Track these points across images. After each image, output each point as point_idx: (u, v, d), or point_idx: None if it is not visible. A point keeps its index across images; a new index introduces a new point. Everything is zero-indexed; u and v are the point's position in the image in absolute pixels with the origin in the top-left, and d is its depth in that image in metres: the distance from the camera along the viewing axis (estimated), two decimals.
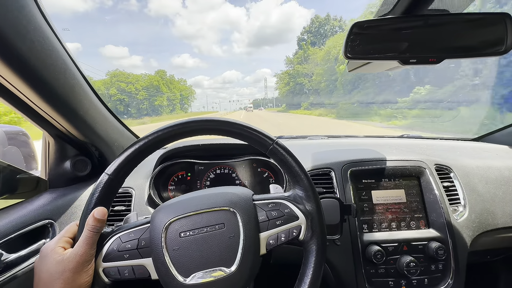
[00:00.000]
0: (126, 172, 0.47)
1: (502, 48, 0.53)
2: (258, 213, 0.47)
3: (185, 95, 71.13)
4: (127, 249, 0.44)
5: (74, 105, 0.65)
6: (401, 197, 0.79)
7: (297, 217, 0.47)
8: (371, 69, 0.72)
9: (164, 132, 0.47)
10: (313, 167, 0.81)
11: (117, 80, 54.21)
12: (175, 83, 68.19)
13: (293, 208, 0.48)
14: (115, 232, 0.46)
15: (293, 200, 0.49)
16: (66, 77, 0.60)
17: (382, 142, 1.13)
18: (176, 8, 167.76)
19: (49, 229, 0.66)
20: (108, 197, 0.46)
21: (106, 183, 0.45)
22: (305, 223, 0.47)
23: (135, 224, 0.48)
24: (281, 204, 0.48)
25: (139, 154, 0.46)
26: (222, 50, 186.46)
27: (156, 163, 0.85)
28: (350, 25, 0.57)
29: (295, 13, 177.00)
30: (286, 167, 0.49)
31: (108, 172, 0.45)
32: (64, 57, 0.58)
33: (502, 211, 0.82)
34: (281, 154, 0.48)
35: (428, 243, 0.72)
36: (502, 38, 0.52)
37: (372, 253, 0.70)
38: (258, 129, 0.49)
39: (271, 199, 0.49)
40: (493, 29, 0.54)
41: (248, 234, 0.44)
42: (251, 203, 0.48)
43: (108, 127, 0.81)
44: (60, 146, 0.76)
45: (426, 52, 0.56)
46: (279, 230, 0.46)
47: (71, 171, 0.78)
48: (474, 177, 0.85)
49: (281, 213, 0.47)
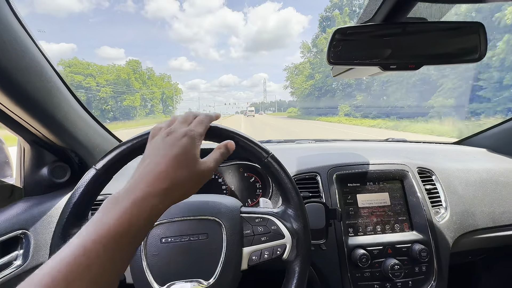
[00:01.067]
0: (115, 169, 0.45)
1: (477, 55, 0.55)
2: (244, 227, 0.46)
3: (169, 94, 54.97)
4: None
5: (51, 110, 0.63)
6: (385, 200, 0.80)
7: (283, 235, 0.46)
8: (355, 75, 0.74)
9: None
10: (299, 171, 0.81)
11: (72, 71, 37.11)
12: (155, 79, 51.69)
13: (280, 225, 0.47)
14: None
15: (281, 217, 0.48)
16: (42, 80, 0.57)
17: (368, 145, 1.16)
18: (173, 11, 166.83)
19: (22, 239, 0.62)
20: (93, 193, 0.44)
21: (94, 178, 0.43)
22: (290, 242, 0.46)
23: None
24: (268, 220, 0.47)
25: (131, 152, 0.45)
26: (219, 54, 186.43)
27: None
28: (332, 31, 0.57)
29: (292, 19, 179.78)
30: (278, 182, 0.48)
31: (97, 167, 0.44)
32: (39, 60, 0.56)
33: (481, 212, 0.84)
34: (275, 168, 0.48)
35: (411, 245, 0.74)
36: (476, 46, 0.55)
37: (358, 257, 0.70)
38: (254, 140, 0.48)
39: (259, 214, 0.48)
40: (468, 38, 0.56)
41: (230, 247, 0.43)
42: (238, 215, 0.47)
43: (89, 132, 0.79)
44: (36, 152, 0.72)
45: (406, 58, 0.57)
46: (263, 246, 0.45)
47: (48, 178, 0.75)
48: (454, 179, 0.87)
49: (267, 229, 0.46)
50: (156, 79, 52.36)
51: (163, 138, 0.36)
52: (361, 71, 0.70)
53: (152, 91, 50.57)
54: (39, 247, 0.64)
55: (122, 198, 0.30)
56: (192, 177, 0.35)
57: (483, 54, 0.55)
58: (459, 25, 0.57)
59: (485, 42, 0.54)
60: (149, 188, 0.31)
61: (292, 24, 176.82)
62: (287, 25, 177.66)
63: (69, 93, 0.69)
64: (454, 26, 0.58)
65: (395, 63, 0.57)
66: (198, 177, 0.35)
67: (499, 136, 1.11)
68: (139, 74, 47.01)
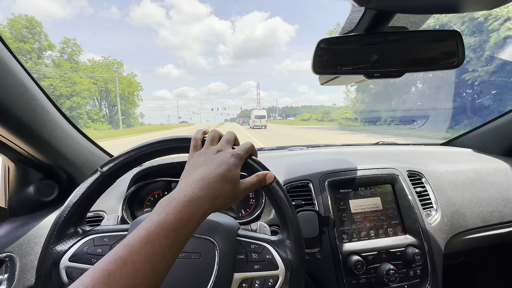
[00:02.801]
0: (120, 173, 0.46)
1: (456, 62, 0.57)
2: (239, 251, 0.45)
3: (130, 91, 35.16)
4: (97, 254, 0.42)
5: (36, 128, 0.62)
6: (377, 204, 0.81)
7: (277, 266, 0.44)
8: (341, 82, 0.75)
9: (166, 144, 0.47)
10: (291, 179, 0.82)
11: None
12: (98, 68, 31.44)
13: (275, 255, 0.45)
14: (89, 232, 0.45)
15: (278, 246, 0.46)
16: (26, 98, 0.57)
17: (359, 150, 1.17)
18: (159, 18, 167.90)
19: (7, 263, 0.60)
20: (95, 195, 0.45)
21: (98, 179, 0.45)
22: (283, 275, 0.44)
23: (112, 229, 0.46)
24: (264, 248, 0.45)
25: (138, 159, 0.46)
26: (207, 61, 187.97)
27: (130, 183, 0.81)
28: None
29: (279, 28, 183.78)
30: (279, 209, 0.47)
31: (103, 169, 0.45)
32: (22, 78, 0.55)
33: (471, 212, 0.86)
34: (277, 195, 0.46)
35: (405, 249, 0.74)
36: (454, 53, 0.57)
37: (353, 263, 0.70)
38: (260, 162, 0.47)
39: (255, 240, 0.47)
40: (447, 45, 0.58)
41: (221, 272, 0.42)
42: (234, 237, 0.46)
43: (76, 148, 0.77)
44: (22, 171, 0.70)
45: (389, 66, 0.59)
46: (255, 275, 0.44)
47: (35, 197, 0.72)
48: (443, 181, 0.89)
49: (261, 257, 0.45)
50: (99, 67, 28.78)
51: (213, 154, 0.42)
52: (347, 79, 0.72)
53: (82, 84, 27.86)
54: (25, 270, 0.61)
55: (178, 197, 0.34)
56: (232, 192, 0.39)
57: (462, 60, 0.57)
58: (438, 33, 0.60)
59: (463, 49, 0.56)
60: (202, 192, 0.36)
61: (279, 33, 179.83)
62: (274, 34, 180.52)
63: (55, 110, 0.68)
64: (433, 34, 0.60)
65: (378, 71, 0.59)
66: (235, 194, 0.40)
67: (484, 136, 1.15)
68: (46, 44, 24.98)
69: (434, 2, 0.50)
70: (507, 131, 1.06)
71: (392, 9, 0.51)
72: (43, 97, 0.63)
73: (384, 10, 0.52)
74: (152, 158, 0.48)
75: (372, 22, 0.57)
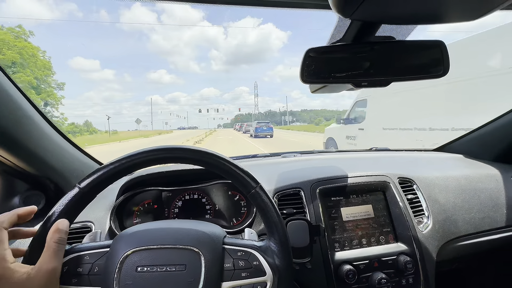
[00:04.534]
0: (99, 188, 0.45)
1: (441, 71, 0.58)
2: (225, 259, 0.44)
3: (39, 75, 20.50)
4: (77, 273, 0.41)
5: (21, 139, 0.61)
6: (369, 212, 0.81)
7: (264, 272, 0.44)
8: (330, 90, 0.76)
9: (149, 155, 0.46)
10: (282, 187, 0.81)
11: None
12: None
13: (262, 261, 0.45)
14: (69, 250, 0.43)
15: (264, 252, 0.46)
16: (10, 109, 0.56)
17: (352, 156, 1.17)
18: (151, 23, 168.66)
19: None
20: (74, 212, 0.44)
21: (76, 196, 0.43)
22: (271, 280, 0.44)
23: (93, 246, 0.44)
24: (250, 254, 0.45)
25: (117, 173, 0.45)
26: (199, 67, 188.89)
27: (118, 193, 0.80)
28: None
29: (272, 34, 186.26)
30: (264, 214, 0.47)
31: (81, 185, 0.43)
32: (6, 88, 0.54)
33: (463, 219, 0.86)
34: (262, 200, 0.47)
35: (397, 257, 0.73)
36: (439, 62, 0.57)
37: (344, 272, 0.69)
38: (244, 169, 0.48)
39: (241, 247, 0.46)
40: (432, 55, 0.59)
41: (208, 282, 0.41)
42: (220, 246, 0.45)
43: (64, 157, 0.76)
44: (7, 182, 0.69)
45: (376, 75, 0.60)
46: (243, 283, 0.43)
47: None
48: (435, 187, 0.89)
49: (249, 264, 0.44)
50: None
51: None
52: (336, 88, 0.72)
53: None
54: None
55: None
56: None
57: (447, 69, 0.58)
58: (423, 43, 0.60)
59: (447, 58, 0.57)
60: None
61: (272, 39, 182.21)
62: (266, 40, 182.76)
63: (41, 119, 0.68)
64: (419, 44, 0.61)
65: (365, 80, 0.59)
66: None
67: (475, 141, 1.16)
68: None
69: (418, 14, 0.51)
70: (497, 137, 1.08)
71: (376, 20, 0.52)
72: (29, 106, 0.63)
73: (369, 21, 0.52)
74: (135, 170, 0.47)
75: (359, 32, 0.58)
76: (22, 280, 0.34)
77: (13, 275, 0.33)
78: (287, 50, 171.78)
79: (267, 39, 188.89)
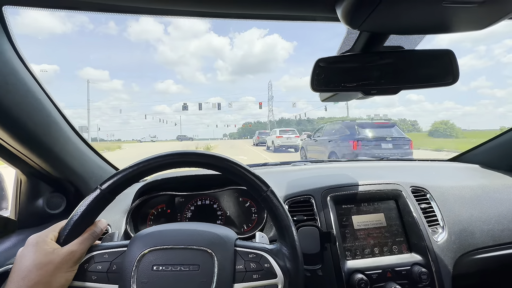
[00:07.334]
0: (118, 190, 0.48)
1: (450, 79, 0.59)
2: (237, 261, 0.45)
3: None
4: (97, 271, 0.43)
5: (49, 144, 0.65)
6: (381, 221, 0.80)
7: (275, 274, 0.45)
8: (340, 99, 0.77)
9: (165, 159, 0.48)
10: (293, 194, 0.82)
11: None
12: None
13: (273, 263, 0.46)
14: (89, 249, 0.46)
15: (275, 254, 0.47)
16: (42, 115, 0.61)
17: (362, 165, 1.17)
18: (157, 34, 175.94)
19: None
20: (96, 212, 0.47)
21: (97, 197, 0.46)
22: (282, 283, 0.44)
23: (112, 245, 0.46)
24: (262, 256, 0.46)
25: (135, 176, 0.48)
26: (206, 77, 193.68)
27: (134, 197, 0.83)
28: None
29: (277, 44, 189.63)
30: (275, 217, 0.49)
31: (102, 187, 0.46)
32: (40, 97, 0.59)
33: (480, 230, 0.83)
34: (273, 203, 0.48)
35: (411, 267, 0.72)
36: (448, 71, 0.58)
37: (356, 282, 0.68)
38: (255, 173, 0.49)
39: (253, 249, 0.47)
40: (441, 64, 0.60)
41: (220, 283, 0.42)
42: (232, 248, 0.46)
43: (85, 162, 0.81)
44: (33, 184, 0.74)
45: (385, 84, 0.61)
46: (254, 285, 0.44)
47: (43, 209, 0.75)
48: (449, 197, 0.87)
49: (260, 266, 0.45)
50: None
51: None
52: (346, 96, 0.74)
53: None
54: None
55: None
56: None
57: (456, 77, 0.58)
58: (432, 52, 0.62)
59: (457, 67, 0.58)
60: None
61: (277, 49, 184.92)
62: (272, 50, 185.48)
63: (67, 125, 0.72)
64: (428, 53, 0.62)
65: (375, 88, 0.61)
66: None
67: (491, 151, 1.13)
68: None
69: (426, 24, 0.52)
70: None
71: (385, 31, 0.54)
72: (57, 113, 0.67)
73: (378, 32, 0.54)
74: (151, 173, 0.49)
75: (368, 43, 0.60)
76: (50, 251, 0.42)
77: (45, 246, 0.42)
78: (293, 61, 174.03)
79: (272, 49, 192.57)
